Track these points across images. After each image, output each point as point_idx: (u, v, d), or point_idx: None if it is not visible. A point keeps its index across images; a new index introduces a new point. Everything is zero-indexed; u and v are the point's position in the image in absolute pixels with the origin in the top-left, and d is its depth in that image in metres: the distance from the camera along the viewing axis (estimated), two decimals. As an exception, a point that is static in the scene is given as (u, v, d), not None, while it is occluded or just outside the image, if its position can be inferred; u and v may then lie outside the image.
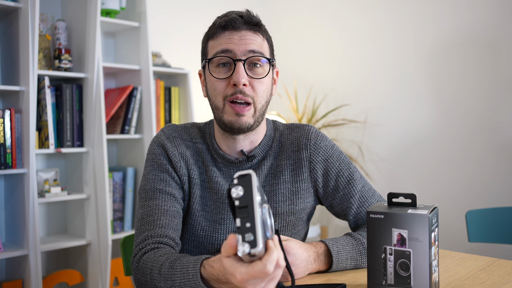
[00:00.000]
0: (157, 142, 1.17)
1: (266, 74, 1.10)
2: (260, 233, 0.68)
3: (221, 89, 1.09)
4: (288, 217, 1.16)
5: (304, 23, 3.32)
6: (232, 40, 1.08)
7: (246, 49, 1.08)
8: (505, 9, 2.42)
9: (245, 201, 0.69)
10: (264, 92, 1.11)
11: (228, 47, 1.08)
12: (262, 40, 1.12)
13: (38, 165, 2.34)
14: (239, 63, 1.07)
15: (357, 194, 1.18)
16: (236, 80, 1.06)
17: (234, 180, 0.70)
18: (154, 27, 2.77)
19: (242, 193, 0.69)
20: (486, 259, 1.13)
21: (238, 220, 0.68)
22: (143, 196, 1.12)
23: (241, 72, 1.06)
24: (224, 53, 1.08)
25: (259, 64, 1.10)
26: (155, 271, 0.94)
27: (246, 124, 1.09)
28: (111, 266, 2.33)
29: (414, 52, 2.76)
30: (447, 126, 2.63)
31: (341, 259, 1.06)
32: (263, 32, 1.13)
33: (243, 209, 0.69)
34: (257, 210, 0.69)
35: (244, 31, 1.09)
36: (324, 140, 1.20)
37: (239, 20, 1.09)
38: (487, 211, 1.94)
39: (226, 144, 1.16)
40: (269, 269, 0.68)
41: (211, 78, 1.10)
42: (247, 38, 1.09)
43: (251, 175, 0.70)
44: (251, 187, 0.69)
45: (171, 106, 2.72)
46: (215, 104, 1.11)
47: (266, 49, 1.12)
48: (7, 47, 2.18)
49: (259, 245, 0.67)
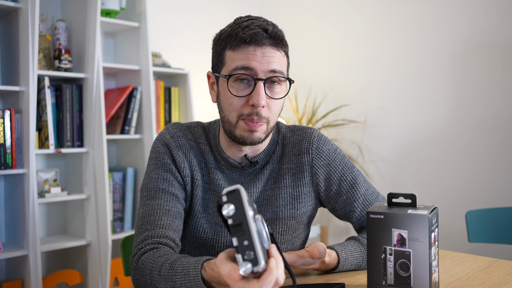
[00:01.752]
0: (161, 140, 1.16)
1: (284, 95, 1.08)
2: (259, 250, 0.67)
3: (238, 106, 1.05)
4: (289, 222, 1.16)
5: (304, 23, 3.32)
6: (254, 57, 1.03)
7: (268, 69, 1.04)
8: (506, 10, 2.42)
9: (238, 218, 0.68)
10: (278, 110, 1.09)
11: (249, 64, 1.03)
12: (283, 56, 1.08)
13: (38, 165, 2.33)
14: (260, 83, 1.03)
15: (360, 197, 1.17)
16: (256, 102, 1.03)
17: (222, 197, 0.69)
18: (154, 27, 2.77)
19: (233, 210, 0.68)
20: (486, 259, 1.13)
21: (235, 239, 0.68)
22: (145, 195, 1.11)
23: (262, 94, 1.03)
24: (244, 70, 1.04)
25: (277, 82, 1.07)
26: (155, 271, 0.93)
27: (258, 139, 1.08)
28: (111, 266, 2.33)
29: (414, 52, 2.76)
30: (447, 126, 2.63)
31: (346, 265, 1.07)
32: (285, 46, 1.09)
33: (237, 227, 0.68)
34: (252, 226, 0.68)
35: (266, 46, 1.04)
36: (327, 144, 1.19)
37: (264, 35, 1.04)
38: (487, 211, 1.94)
39: (231, 151, 1.15)
40: None
41: (228, 92, 1.06)
42: (270, 55, 1.04)
43: (239, 190, 0.69)
44: (241, 203, 0.69)
45: (171, 106, 2.72)
46: (228, 118, 1.08)
47: (285, 66, 1.09)
48: (7, 47, 2.18)
49: (261, 263, 0.67)
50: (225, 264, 0.71)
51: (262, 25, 1.05)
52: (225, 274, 0.71)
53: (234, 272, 0.69)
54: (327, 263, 1.04)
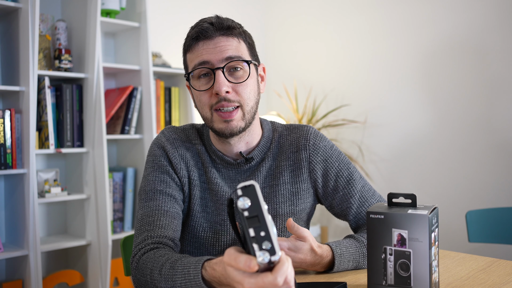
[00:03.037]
0: (157, 144, 1.18)
1: (247, 77, 1.10)
2: (276, 241, 0.69)
3: (206, 100, 1.09)
4: (288, 218, 1.16)
5: (304, 23, 3.32)
6: (207, 50, 1.08)
7: (223, 57, 1.07)
8: (506, 11, 2.42)
9: (254, 211, 0.70)
10: (250, 93, 1.10)
11: (204, 58, 1.07)
12: (238, 42, 1.10)
13: (38, 165, 2.34)
14: (218, 71, 1.06)
15: (356, 194, 1.18)
16: (218, 89, 1.05)
17: (237, 191, 0.71)
18: (154, 28, 2.77)
19: (249, 203, 0.70)
20: (486, 259, 1.13)
21: (252, 229, 0.69)
22: (143, 197, 1.12)
23: (221, 81, 1.06)
24: (202, 64, 1.08)
25: (240, 67, 1.09)
26: (156, 271, 0.94)
27: (237, 128, 1.09)
28: (111, 266, 2.33)
29: (414, 52, 2.76)
30: (447, 126, 2.63)
31: (343, 261, 1.06)
32: (238, 34, 1.11)
33: (253, 218, 0.69)
34: (268, 218, 0.70)
35: (217, 37, 1.08)
36: (323, 141, 1.20)
37: (210, 28, 1.08)
38: (487, 211, 1.94)
39: (223, 148, 1.16)
40: (279, 282, 0.68)
41: (195, 91, 1.11)
42: (222, 45, 1.08)
43: (254, 186, 0.71)
44: (257, 197, 0.70)
45: (171, 106, 2.72)
46: (203, 114, 1.12)
47: (244, 51, 1.11)
48: (7, 47, 2.18)
49: (278, 252, 0.68)
50: (240, 256, 0.70)
51: (208, 20, 1.10)
52: (241, 266, 0.69)
53: (251, 262, 0.69)
54: (319, 254, 1.02)
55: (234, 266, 0.71)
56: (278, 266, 0.69)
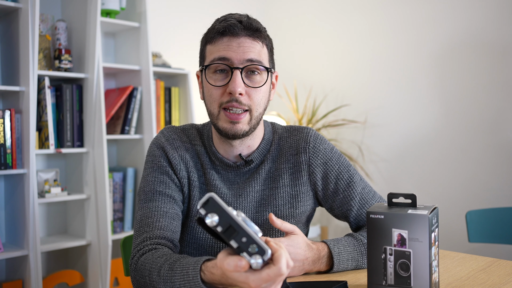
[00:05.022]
0: (156, 144, 1.17)
1: (264, 83, 1.09)
2: (260, 240, 0.69)
3: (217, 96, 1.07)
4: (288, 221, 1.16)
5: (304, 23, 3.32)
6: (230, 47, 1.06)
7: (244, 58, 1.06)
8: (506, 11, 2.42)
9: (225, 222, 0.70)
10: (261, 100, 1.09)
11: (225, 54, 1.06)
12: (261, 47, 1.09)
13: (38, 165, 2.34)
14: (236, 71, 1.05)
15: (357, 196, 1.18)
16: (232, 89, 1.04)
17: (200, 211, 0.71)
18: (154, 28, 2.77)
19: (217, 218, 0.70)
20: (486, 259, 1.13)
21: (233, 241, 0.69)
22: (142, 198, 1.12)
23: (238, 81, 1.04)
24: (221, 60, 1.06)
25: (257, 72, 1.08)
26: (154, 272, 0.93)
27: (241, 131, 1.08)
28: (111, 266, 2.33)
29: (414, 52, 2.76)
30: (447, 126, 2.63)
31: (342, 260, 1.06)
32: (263, 38, 1.10)
33: (229, 230, 0.70)
34: (242, 223, 0.70)
35: (243, 37, 1.07)
36: (323, 143, 1.20)
37: (238, 26, 1.07)
38: (487, 212, 1.94)
39: (224, 149, 1.15)
40: (284, 270, 0.70)
41: (208, 84, 1.09)
42: (246, 45, 1.06)
43: (213, 197, 0.71)
44: (221, 208, 0.70)
45: (171, 106, 2.72)
46: (210, 110, 1.10)
47: (265, 56, 1.10)
48: (7, 47, 2.18)
49: (268, 250, 0.69)
50: (228, 259, 0.71)
51: (238, 18, 1.09)
52: (232, 269, 0.70)
53: (240, 262, 0.69)
54: (315, 248, 1.02)
55: (227, 270, 0.71)
56: (276, 256, 0.70)
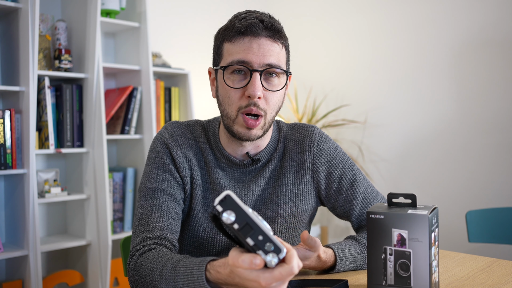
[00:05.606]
0: (160, 140, 1.15)
1: (281, 87, 1.08)
2: (275, 238, 0.69)
3: (236, 99, 1.05)
4: (290, 220, 1.16)
5: (304, 23, 3.32)
6: (250, 49, 1.03)
7: (264, 62, 1.04)
8: (507, 11, 2.42)
9: (242, 220, 0.70)
10: (276, 103, 1.08)
11: (245, 58, 1.03)
12: (281, 49, 1.07)
13: (38, 165, 2.33)
14: (256, 74, 1.03)
15: (360, 196, 1.17)
16: (252, 93, 1.02)
17: (217, 207, 0.70)
18: (154, 28, 2.77)
19: (234, 215, 0.70)
20: (486, 259, 1.13)
21: (249, 239, 0.69)
22: (143, 195, 1.10)
23: (257, 85, 1.03)
24: (241, 63, 1.04)
25: (275, 74, 1.07)
26: (156, 272, 0.92)
27: (255, 136, 1.07)
28: (111, 266, 2.33)
29: (414, 52, 2.76)
30: (447, 126, 2.63)
31: (345, 263, 1.06)
32: (283, 39, 1.09)
33: (245, 228, 0.69)
34: (258, 221, 0.70)
35: (263, 38, 1.04)
36: (328, 142, 1.19)
37: (259, 26, 1.04)
38: (487, 211, 1.94)
39: (232, 147, 1.14)
40: (295, 270, 0.69)
41: (225, 85, 1.06)
42: (266, 48, 1.04)
43: (230, 195, 0.70)
44: (238, 206, 0.70)
45: (171, 106, 2.72)
46: (227, 112, 1.08)
47: (283, 59, 1.08)
48: (7, 47, 2.18)
49: (283, 249, 0.69)
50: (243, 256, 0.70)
51: (259, 17, 1.06)
52: (246, 265, 0.69)
53: (255, 259, 0.69)
54: (323, 259, 1.02)
55: (241, 266, 0.71)
56: (289, 255, 0.70)
